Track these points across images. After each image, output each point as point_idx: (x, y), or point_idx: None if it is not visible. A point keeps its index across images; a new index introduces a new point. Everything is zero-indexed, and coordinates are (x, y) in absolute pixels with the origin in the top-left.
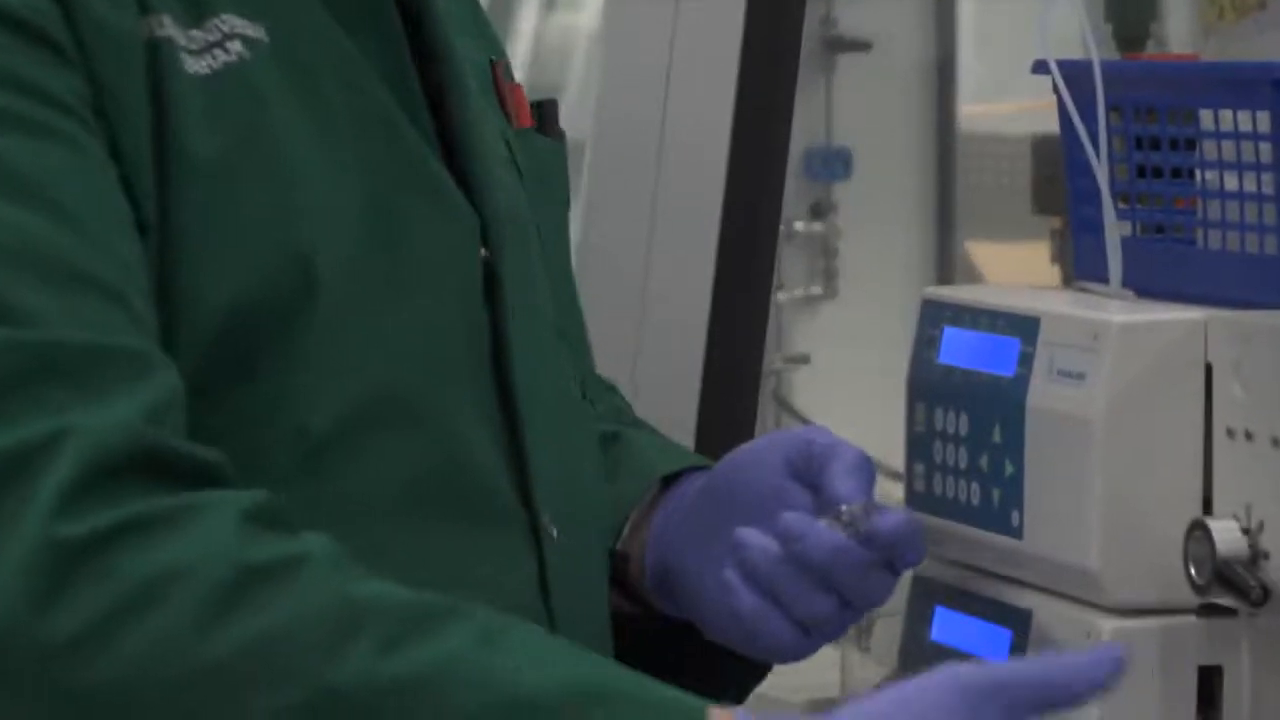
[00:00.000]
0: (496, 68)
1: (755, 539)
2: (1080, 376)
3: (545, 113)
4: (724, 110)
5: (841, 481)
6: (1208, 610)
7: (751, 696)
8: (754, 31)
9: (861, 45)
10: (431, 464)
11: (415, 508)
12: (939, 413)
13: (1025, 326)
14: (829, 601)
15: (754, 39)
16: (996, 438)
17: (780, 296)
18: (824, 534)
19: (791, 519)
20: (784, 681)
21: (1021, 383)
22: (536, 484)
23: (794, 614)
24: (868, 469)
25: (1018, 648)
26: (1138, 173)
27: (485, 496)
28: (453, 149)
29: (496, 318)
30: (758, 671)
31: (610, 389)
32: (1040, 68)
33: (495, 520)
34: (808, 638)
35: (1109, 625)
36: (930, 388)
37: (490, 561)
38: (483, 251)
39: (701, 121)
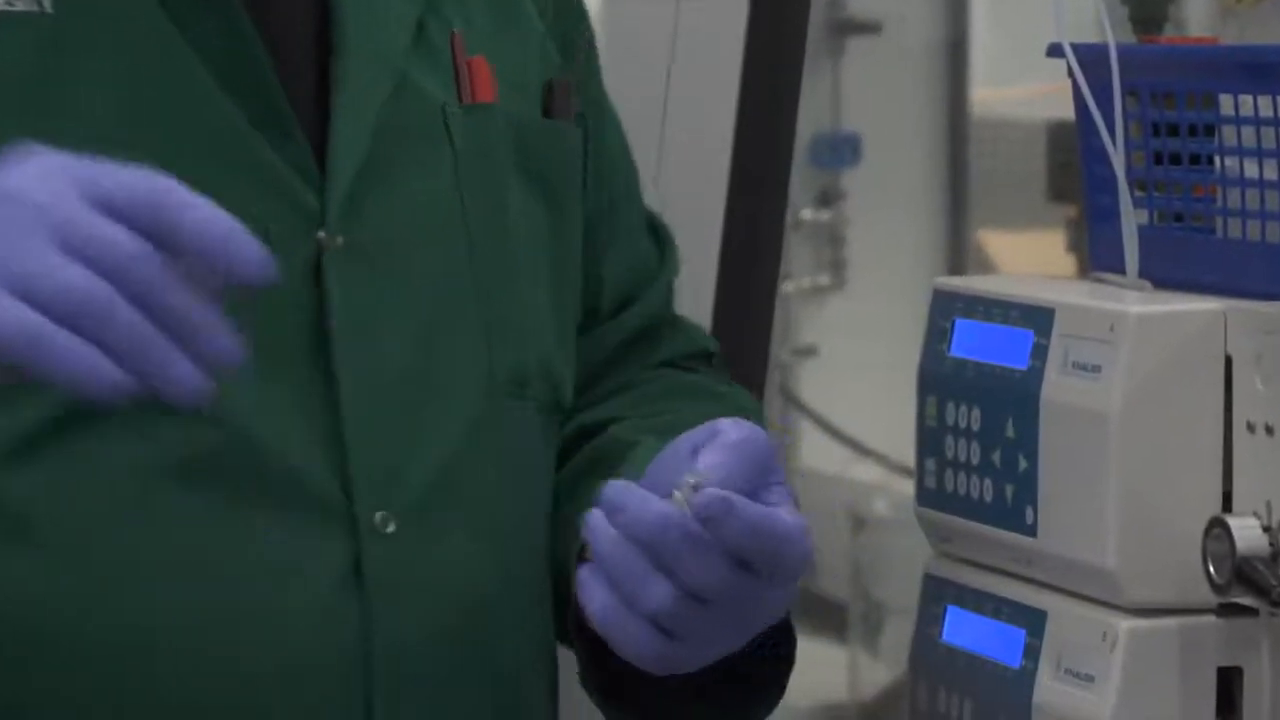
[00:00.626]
0: (456, 38)
1: (598, 521)
2: (1096, 369)
3: (554, 93)
4: (728, 95)
5: (704, 458)
6: (1227, 610)
7: None
8: (759, 13)
9: (871, 27)
10: (210, 445)
11: (192, 488)
12: (950, 407)
13: (1039, 318)
14: (664, 586)
15: (759, 21)
16: (1010, 432)
17: (787, 287)
18: (647, 504)
19: (612, 488)
20: (793, 683)
21: (1035, 376)
22: (359, 473)
23: (637, 605)
24: (745, 450)
25: (1032, 648)
26: (1155, 159)
27: (286, 482)
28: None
29: (327, 301)
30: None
31: (628, 384)
32: (1055, 51)
33: (297, 507)
34: (669, 640)
35: (1126, 625)
36: (941, 381)
37: (282, 548)
38: (321, 233)
39: (705, 107)
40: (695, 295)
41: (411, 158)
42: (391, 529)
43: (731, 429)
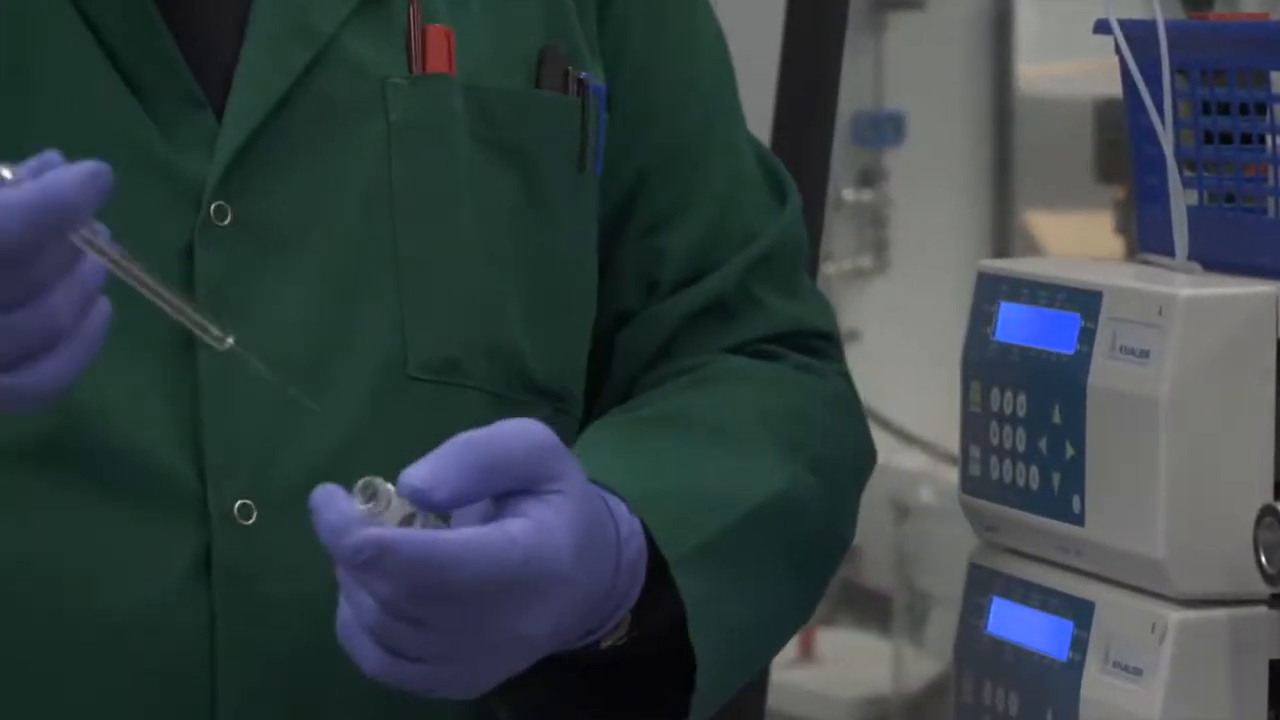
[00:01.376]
0: (413, 6)
1: None
2: (1144, 354)
3: (543, 63)
4: (768, 72)
5: (420, 463)
6: None
7: (800, 693)
8: None
9: (913, 3)
10: (55, 427)
11: (32, 472)
12: (995, 392)
13: (1086, 301)
14: (370, 604)
15: None
16: (1056, 419)
17: (828, 269)
18: (328, 514)
19: (315, 492)
20: (836, 676)
21: (1082, 361)
22: (217, 459)
23: (360, 620)
24: (474, 451)
25: (1079, 640)
26: (1205, 138)
27: (135, 467)
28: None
29: (194, 278)
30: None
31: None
32: (1102, 27)
33: (145, 494)
34: (401, 661)
35: (1175, 616)
36: (986, 366)
37: (125, 538)
38: (210, 209)
39: (744, 84)
40: None
41: (332, 129)
42: (253, 519)
43: (501, 427)
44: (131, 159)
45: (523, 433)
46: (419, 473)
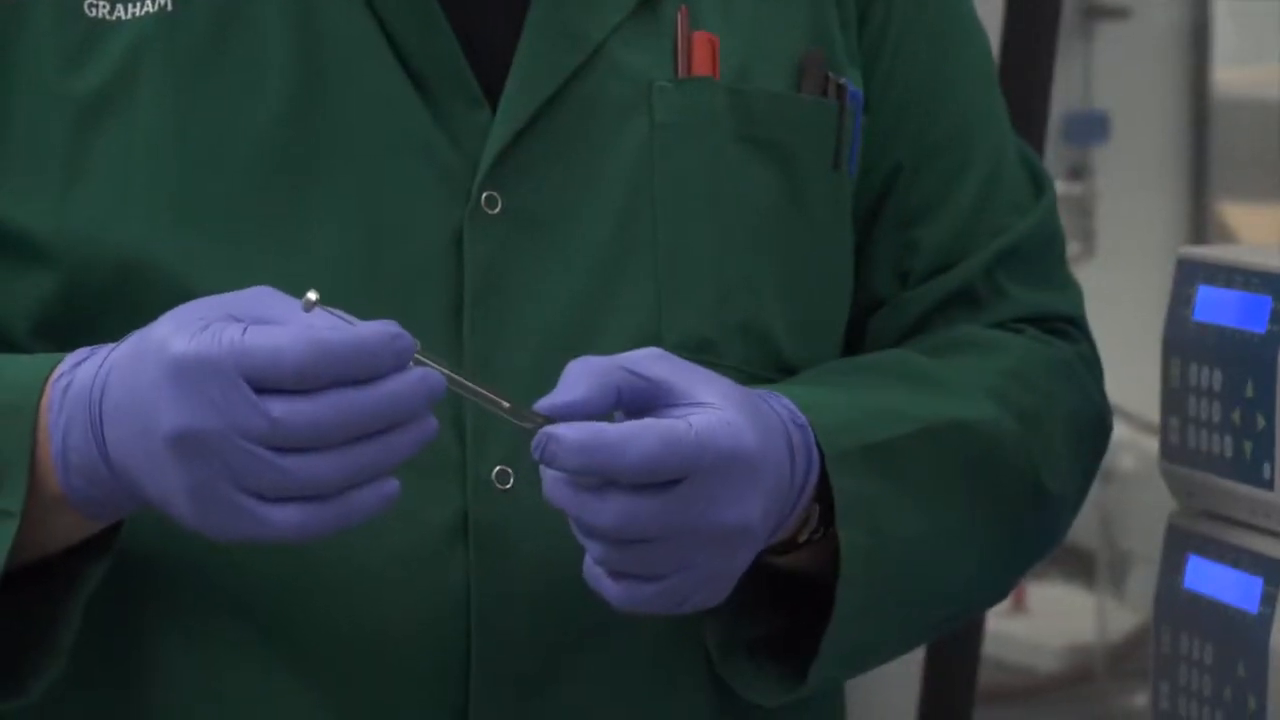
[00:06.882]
0: (681, 14)
1: None
2: None
3: (804, 68)
4: None
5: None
6: None
7: (1013, 641)
8: (1016, 0)
9: (1120, 12)
10: None
11: None
12: (1193, 368)
13: (1278, 284)
14: (593, 542)
15: (1016, 6)
16: (1249, 392)
17: None
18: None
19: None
20: (1045, 626)
21: (1273, 339)
22: (476, 428)
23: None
24: (579, 371)
25: (1269, 595)
26: None
27: None
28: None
29: (464, 263)
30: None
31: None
32: None
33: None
34: (637, 583)
35: None
36: (1185, 344)
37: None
38: (481, 199)
39: None
40: None
41: (597, 128)
42: (510, 484)
43: (637, 352)
44: (411, 150)
45: (657, 355)
46: (556, 400)
